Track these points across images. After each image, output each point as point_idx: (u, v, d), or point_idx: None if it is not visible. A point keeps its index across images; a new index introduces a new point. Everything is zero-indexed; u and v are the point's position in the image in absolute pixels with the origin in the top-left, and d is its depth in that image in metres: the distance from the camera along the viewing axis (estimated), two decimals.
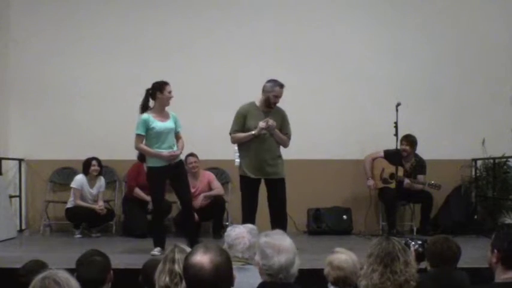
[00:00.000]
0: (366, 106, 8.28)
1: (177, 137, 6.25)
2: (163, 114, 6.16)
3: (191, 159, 7.76)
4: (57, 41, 8.40)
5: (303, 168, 7.94)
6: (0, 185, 7.46)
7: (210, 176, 7.93)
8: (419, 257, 3.67)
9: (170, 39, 8.41)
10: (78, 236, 7.61)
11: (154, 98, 6.17)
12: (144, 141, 6.08)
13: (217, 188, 7.85)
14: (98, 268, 3.15)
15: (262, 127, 6.12)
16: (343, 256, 3.46)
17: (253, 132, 6.15)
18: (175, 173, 6.16)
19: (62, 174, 8.27)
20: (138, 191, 7.72)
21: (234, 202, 7.98)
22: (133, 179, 7.79)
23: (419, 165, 7.87)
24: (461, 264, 3.71)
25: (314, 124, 8.23)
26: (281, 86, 6.21)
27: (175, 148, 6.16)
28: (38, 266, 3.18)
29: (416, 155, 7.89)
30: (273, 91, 6.17)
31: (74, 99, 8.36)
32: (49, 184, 8.25)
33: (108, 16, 8.45)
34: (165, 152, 6.05)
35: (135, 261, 3.68)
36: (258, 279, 3.05)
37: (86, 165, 7.70)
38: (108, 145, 8.03)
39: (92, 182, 7.73)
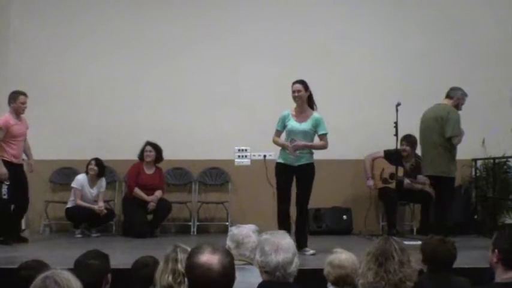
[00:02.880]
0: (366, 106, 8.28)
1: (320, 139, 6.18)
2: (303, 115, 6.10)
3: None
4: (57, 41, 8.40)
5: None
6: None
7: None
8: None
9: (171, 40, 8.41)
10: (78, 236, 7.61)
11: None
12: (280, 137, 6.18)
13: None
14: (92, 272, 3.11)
15: None
16: (343, 255, 3.49)
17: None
18: (298, 176, 6.13)
19: (62, 174, 8.27)
20: (138, 191, 7.72)
21: (234, 202, 7.98)
22: (133, 179, 7.78)
23: (420, 165, 7.85)
24: (461, 264, 3.70)
25: None
26: None
27: (305, 152, 6.06)
28: (39, 265, 3.17)
29: (417, 155, 7.88)
30: (463, 98, 6.62)
31: (74, 99, 8.37)
32: (49, 184, 8.25)
33: (109, 16, 8.45)
34: (288, 143, 6.03)
35: None
36: (258, 279, 3.05)
37: (87, 166, 7.75)
38: (108, 145, 8.04)
39: (92, 182, 7.74)
